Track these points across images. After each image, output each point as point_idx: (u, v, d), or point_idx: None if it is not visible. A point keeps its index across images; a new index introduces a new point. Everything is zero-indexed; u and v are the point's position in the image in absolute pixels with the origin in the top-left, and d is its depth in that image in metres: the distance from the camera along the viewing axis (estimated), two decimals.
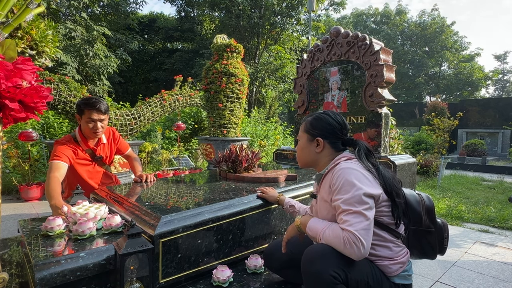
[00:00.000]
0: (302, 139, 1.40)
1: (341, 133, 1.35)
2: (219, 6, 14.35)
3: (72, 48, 10.68)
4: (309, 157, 1.38)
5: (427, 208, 1.35)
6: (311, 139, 1.36)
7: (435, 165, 6.31)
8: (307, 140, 1.38)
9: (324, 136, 1.34)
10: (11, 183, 4.33)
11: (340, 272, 1.08)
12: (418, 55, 27.56)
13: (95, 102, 2.12)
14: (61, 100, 4.21)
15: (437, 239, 1.36)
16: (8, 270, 1.44)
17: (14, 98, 0.97)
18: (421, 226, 1.34)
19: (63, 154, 2.07)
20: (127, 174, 4.83)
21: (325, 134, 1.34)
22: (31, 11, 1.13)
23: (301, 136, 1.41)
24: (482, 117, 12.56)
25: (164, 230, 1.38)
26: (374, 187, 1.18)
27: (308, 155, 1.38)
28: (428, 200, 1.38)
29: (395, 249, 1.24)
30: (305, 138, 1.39)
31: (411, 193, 1.39)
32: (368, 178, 1.19)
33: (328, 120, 1.35)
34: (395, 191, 1.23)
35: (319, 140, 1.34)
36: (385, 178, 1.24)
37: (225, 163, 2.41)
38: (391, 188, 1.23)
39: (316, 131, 1.35)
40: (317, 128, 1.36)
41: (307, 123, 1.39)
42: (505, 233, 3.21)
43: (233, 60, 5.27)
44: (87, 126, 2.14)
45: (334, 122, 1.35)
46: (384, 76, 2.75)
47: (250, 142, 7.69)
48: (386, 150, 2.90)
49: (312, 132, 1.36)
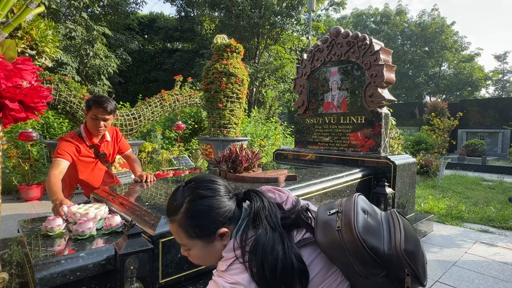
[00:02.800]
0: (195, 247, 0.90)
1: (230, 200, 0.92)
2: (219, 6, 14.35)
3: (72, 48, 10.69)
4: (218, 256, 0.91)
5: (354, 252, 0.81)
6: (209, 240, 0.89)
7: (435, 165, 6.31)
8: (204, 245, 0.89)
9: (223, 223, 0.89)
10: (11, 183, 4.33)
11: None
12: (418, 55, 27.57)
13: (103, 101, 2.16)
14: (61, 100, 4.21)
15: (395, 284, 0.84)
16: (8, 270, 1.44)
17: (14, 98, 0.97)
18: (361, 277, 0.84)
19: (65, 152, 2.10)
20: (127, 174, 4.83)
21: (222, 220, 0.89)
22: (31, 11, 1.13)
23: (188, 244, 0.90)
24: (482, 117, 12.56)
25: (164, 230, 1.37)
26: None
27: (216, 256, 0.91)
28: (352, 238, 0.81)
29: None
30: (199, 244, 0.89)
31: (328, 229, 0.86)
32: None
33: (210, 203, 0.88)
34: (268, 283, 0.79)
35: (223, 231, 0.88)
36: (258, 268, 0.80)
37: (225, 163, 2.41)
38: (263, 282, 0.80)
39: (208, 229, 0.88)
40: (205, 224, 0.88)
41: (184, 227, 0.88)
42: (505, 233, 3.21)
43: (233, 60, 5.28)
44: (91, 122, 2.19)
45: (217, 198, 0.90)
46: (384, 76, 2.75)
47: (250, 142, 7.69)
48: (386, 150, 2.90)
49: (205, 232, 0.88)
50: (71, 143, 2.16)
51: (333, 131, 3.20)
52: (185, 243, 0.91)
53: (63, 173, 2.05)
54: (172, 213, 0.90)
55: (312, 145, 3.41)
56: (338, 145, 3.16)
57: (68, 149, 2.12)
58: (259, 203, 0.91)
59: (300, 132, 3.54)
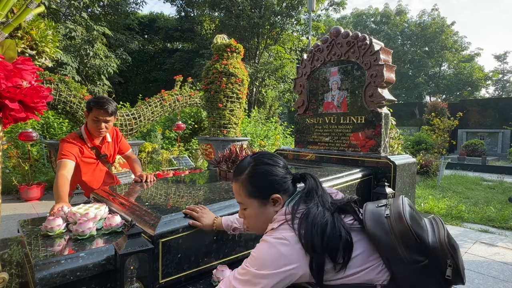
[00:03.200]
0: (251, 206, 1.07)
1: (288, 173, 1.09)
2: (219, 6, 14.36)
3: (72, 48, 10.69)
4: (268, 221, 1.05)
5: (401, 235, 0.90)
6: (263, 202, 1.05)
7: (435, 165, 6.31)
8: (258, 205, 1.06)
9: (277, 190, 1.04)
10: (11, 183, 4.33)
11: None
12: (418, 55, 27.58)
13: (104, 102, 2.15)
14: (61, 100, 4.21)
15: (435, 274, 0.91)
16: (8, 270, 1.44)
17: (14, 98, 0.97)
18: (404, 264, 0.91)
19: (70, 152, 2.09)
20: (127, 174, 4.83)
21: (276, 187, 1.04)
22: (31, 11, 1.13)
23: (245, 202, 1.08)
24: (482, 117, 12.57)
25: (164, 230, 1.37)
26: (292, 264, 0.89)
27: (266, 221, 1.05)
28: (400, 221, 0.91)
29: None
30: (255, 204, 1.06)
31: (376, 215, 0.97)
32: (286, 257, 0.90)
33: (270, 169, 1.06)
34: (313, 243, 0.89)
35: (276, 197, 1.03)
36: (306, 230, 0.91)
37: (225, 163, 2.41)
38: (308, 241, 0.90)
39: (265, 190, 1.05)
40: (263, 185, 1.05)
41: (245, 185, 1.07)
42: (505, 233, 3.21)
43: (233, 60, 5.28)
44: (92, 124, 2.18)
45: (276, 167, 1.08)
46: (384, 76, 2.75)
47: (250, 142, 7.69)
48: (386, 150, 2.90)
49: (261, 193, 1.05)
50: (74, 144, 2.15)
51: (333, 131, 3.20)
52: (244, 201, 1.09)
53: (71, 173, 2.04)
54: (238, 173, 1.10)
55: (312, 145, 3.41)
56: (338, 145, 3.16)
57: (72, 150, 2.12)
58: (313, 182, 1.06)
59: (300, 132, 3.54)
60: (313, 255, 0.89)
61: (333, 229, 0.92)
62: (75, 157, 2.12)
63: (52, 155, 4.46)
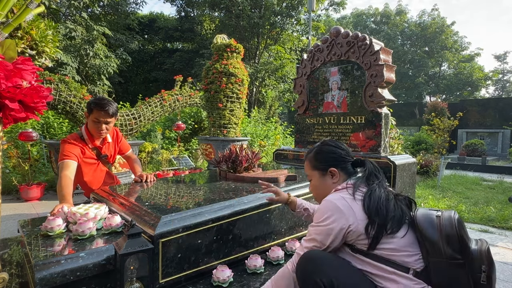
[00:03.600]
0: (314, 177, 1.40)
1: (348, 156, 1.38)
2: (219, 6, 14.34)
3: (72, 48, 10.68)
4: (328, 191, 1.33)
5: (446, 234, 1.07)
6: (323, 173, 1.36)
7: (435, 165, 6.31)
8: (319, 176, 1.38)
9: (335, 165, 1.35)
10: (11, 183, 4.33)
11: (326, 281, 1.06)
12: (418, 55, 27.57)
13: (105, 104, 2.14)
14: (61, 100, 4.21)
15: (469, 274, 1.04)
16: (8, 270, 1.44)
17: (14, 98, 0.97)
18: (442, 257, 1.05)
19: (71, 153, 2.08)
20: (127, 174, 4.83)
21: (335, 163, 1.35)
22: (31, 11, 1.13)
23: (311, 174, 1.42)
24: (482, 117, 12.56)
25: (164, 230, 1.38)
26: (345, 219, 1.13)
27: (325, 190, 1.35)
28: (449, 223, 1.08)
29: (403, 283, 1.07)
30: (317, 175, 1.39)
31: (427, 214, 1.15)
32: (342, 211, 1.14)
33: (331, 149, 1.38)
34: (375, 212, 1.13)
35: (333, 170, 1.34)
36: (371, 202, 1.15)
37: (225, 163, 2.41)
38: (372, 210, 1.13)
39: (325, 164, 1.36)
40: (324, 160, 1.37)
41: (311, 160, 1.41)
42: (505, 233, 3.21)
43: (233, 60, 5.27)
44: (93, 125, 2.18)
45: (337, 149, 1.38)
46: (384, 76, 2.75)
47: (250, 142, 7.69)
48: (386, 150, 2.90)
49: (322, 166, 1.37)
50: (75, 145, 2.14)
51: (333, 131, 3.20)
52: (310, 173, 1.43)
53: (74, 173, 2.03)
54: (308, 153, 1.45)
55: (312, 145, 3.40)
56: None
57: (73, 150, 2.11)
58: (372, 167, 1.31)
59: (300, 132, 3.54)
60: (375, 219, 1.11)
61: (394, 206, 1.16)
62: (77, 157, 2.12)
63: (52, 155, 4.46)
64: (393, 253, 1.10)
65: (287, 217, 1.91)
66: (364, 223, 1.12)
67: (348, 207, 1.15)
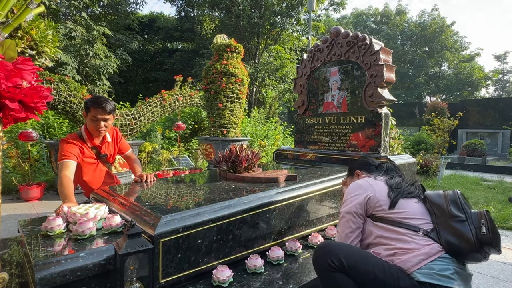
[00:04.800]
0: (348, 182, 1.80)
1: (372, 163, 1.78)
2: (219, 6, 14.34)
3: (72, 48, 10.68)
4: None
5: (450, 198, 1.34)
6: (351, 176, 1.81)
7: (435, 165, 6.31)
8: (349, 179, 1.82)
9: (359, 168, 1.77)
10: (11, 183, 4.33)
11: (335, 260, 1.25)
12: (418, 55, 27.56)
13: (102, 101, 2.14)
14: (61, 100, 4.21)
15: (470, 228, 1.23)
16: (8, 270, 1.44)
17: (14, 98, 0.97)
18: (446, 217, 1.29)
19: (70, 153, 2.09)
20: (127, 174, 4.83)
21: (359, 166, 1.79)
22: (31, 11, 1.13)
23: (347, 183, 1.84)
24: (482, 117, 12.56)
25: (164, 230, 1.37)
26: (364, 191, 1.49)
27: None
28: (452, 192, 1.36)
29: (414, 241, 1.26)
30: (348, 180, 1.84)
31: (435, 191, 1.45)
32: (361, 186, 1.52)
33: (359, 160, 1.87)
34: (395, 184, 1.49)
35: (357, 171, 1.76)
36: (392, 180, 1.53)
37: (225, 163, 2.41)
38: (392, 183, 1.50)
39: (353, 169, 1.82)
40: (353, 167, 1.84)
41: (349, 173, 1.88)
42: (505, 233, 3.21)
43: (233, 60, 5.27)
44: (91, 123, 2.18)
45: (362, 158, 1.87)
46: (384, 76, 2.75)
47: (250, 142, 7.69)
48: (386, 150, 2.90)
49: (351, 172, 1.83)
50: (74, 145, 2.15)
51: (333, 131, 3.20)
52: (345, 183, 1.87)
53: (74, 173, 2.04)
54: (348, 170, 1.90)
55: (312, 145, 3.41)
56: (338, 145, 3.16)
57: (72, 150, 2.11)
58: (390, 164, 1.72)
59: (300, 132, 3.54)
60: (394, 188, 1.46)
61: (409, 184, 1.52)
62: (76, 157, 2.12)
63: (52, 155, 4.46)
64: (407, 217, 1.35)
65: (287, 217, 1.92)
66: (385, 192, 1.45)
67: (368, 184, 1.51)
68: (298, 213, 1.99)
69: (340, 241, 1.45)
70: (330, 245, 1.36)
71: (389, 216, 1.38)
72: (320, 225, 2.18)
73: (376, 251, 1.37)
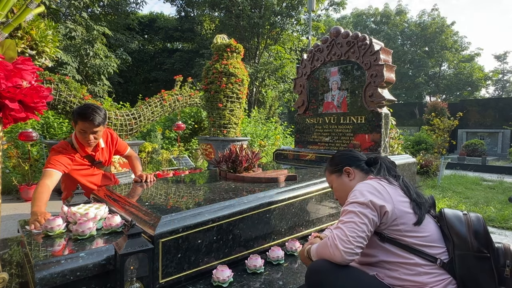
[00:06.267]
0: (334, 182, 1.45)
1: (360, 156, 1.44)
2: (219, 6, 14.35)
3: (72, 48, 10.68)
4: (348, 189, 1.32)
5: (474, 230, 1.14)
6: (339, 174, 1.42)
7: (435, 165, 6.31)
8: (337, 178, 1.43)
9: (348, 164, 1.40)
10: (11, 183, 4.33)
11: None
12: (418, 55, 27.55)
13: (89, 114, 2.00)
14: (61, 100, 4.21)
15: (494, 268, 1.10)
16: (8, 270, 1.44)
17: (14, 98, 0.97)
18: (468, 250, 1.11)
19: (58, 162, 1.99)
20: (127, 174, 4.83)
21: (348, 162, 1.41)
22: (31, 11, 1.13)
23: (331, 180, 1.47)
24: (482, 117, 12.56)
25: (164, 230, 1.38)
26: (382, 199, 1.15)
27: (345, 189, 1.36)
28: (477, 220, 1.16)
29: (426, 275, 1.10)
30: (334, 178, 1.44)
31: (454, 212, 1.23)
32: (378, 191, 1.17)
33: (342, 153, 1.49)
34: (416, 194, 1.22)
35: (347, 169, 1.39)
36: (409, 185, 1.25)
37: (225, 163, 2.41)
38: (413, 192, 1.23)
39: (339, 166, 1.43)
40: (337, 162, 1.45)
41: (328, 168, 1.49)
42: (505, 233, 3.21)
43: (233, 60, 5.27)
44: (80, 136, 2.08)
45: (348, 152, 1.49)
46: (384, 76, 2.75)
47: (250, 142, 7.69)
48: (386, 150, 2.90)
49: (336, 168, 1.43)
50: (64, 154, 2.05)
51: (333, 131, 3.20)
52: (328, 180, 1.49)
53: (55, 184, 1.94)
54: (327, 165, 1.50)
55: (312, 145, 3.41)
56: (338, 145, 3.16)
57: (61, 160, 2.01)
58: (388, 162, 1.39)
59: (300, 132, 3.54)
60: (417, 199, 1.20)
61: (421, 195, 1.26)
62: (64, 167, 2.02)
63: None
64: (426, 244, 1.14)
65: (287, 217, 1.92)
66: (403, 203, 1.18)
67: (385, 191, 1.18)
68: (298, 213, 1.99)
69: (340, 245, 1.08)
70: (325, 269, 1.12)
71: (403, 239, 1.14)
72: (320, 225, 2.18)
73: (378, 273, 1.18)
